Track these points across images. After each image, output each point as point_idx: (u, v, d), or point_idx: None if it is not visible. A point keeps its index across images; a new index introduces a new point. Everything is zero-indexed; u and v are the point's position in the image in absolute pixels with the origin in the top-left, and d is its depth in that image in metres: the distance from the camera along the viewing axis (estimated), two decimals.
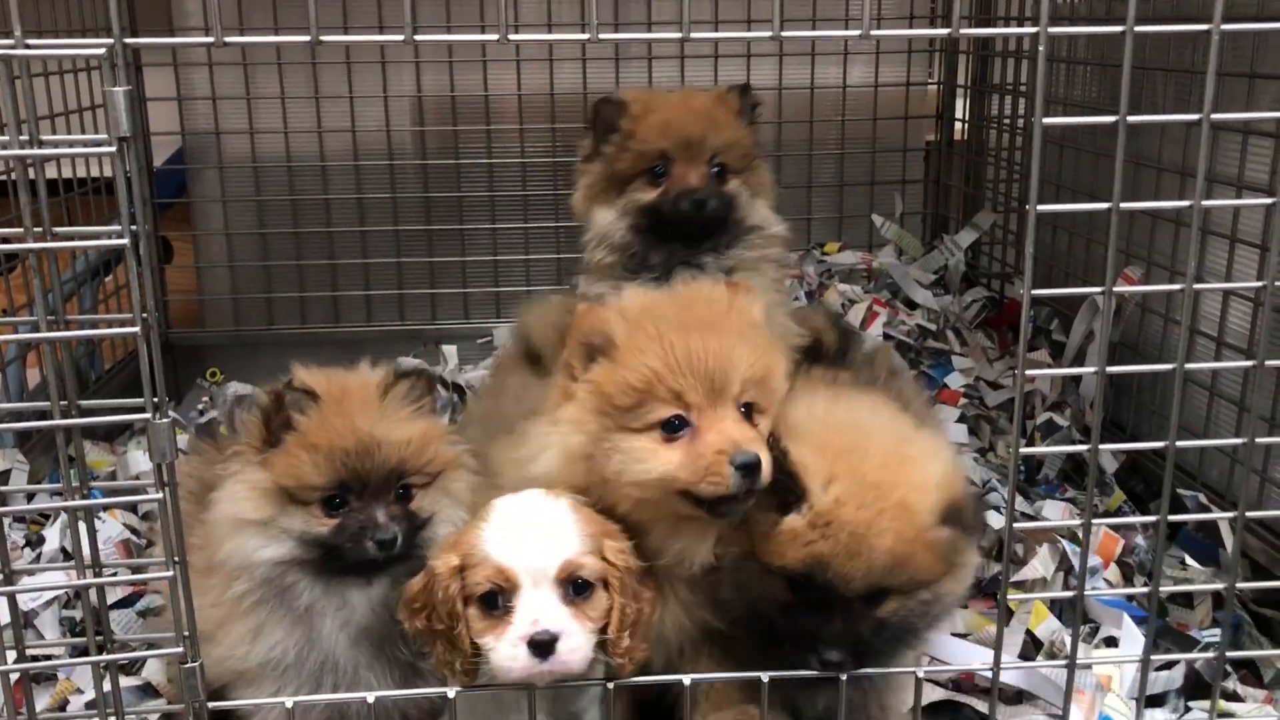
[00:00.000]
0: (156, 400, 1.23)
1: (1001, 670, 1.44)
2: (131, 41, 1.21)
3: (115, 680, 1.42)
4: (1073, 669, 1.44)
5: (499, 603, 1.28)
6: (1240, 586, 1.62)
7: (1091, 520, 1.42)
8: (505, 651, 1.26)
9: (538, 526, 1.31)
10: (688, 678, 1.41)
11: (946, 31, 1.24)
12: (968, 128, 3.24)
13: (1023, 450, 1.40)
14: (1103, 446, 1.40)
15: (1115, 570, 2.00)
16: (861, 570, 1.32)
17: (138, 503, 2.15)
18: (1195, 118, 1.27)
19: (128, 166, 1.17)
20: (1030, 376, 2.51)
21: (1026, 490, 2.31)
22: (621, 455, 1.36)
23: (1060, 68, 2.78)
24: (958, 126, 3.27)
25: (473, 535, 1.33)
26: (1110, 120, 1.26)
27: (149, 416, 1.23)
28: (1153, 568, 1.75)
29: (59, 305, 1.34)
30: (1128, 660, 1.66)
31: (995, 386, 2.67)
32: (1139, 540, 2.04)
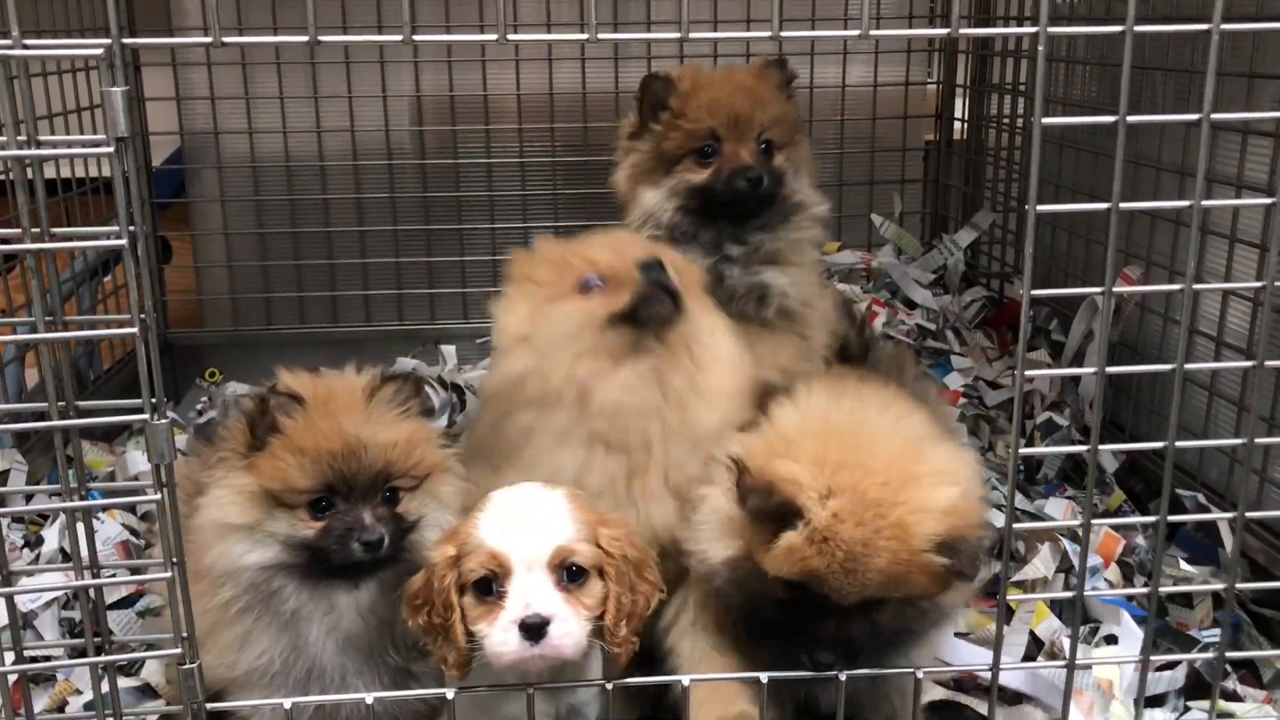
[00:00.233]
0: (155, 401, 1.23)
1: (1002, 670, 1.44)
2: (129, 42, 1.21)
3: (114, 681, 1.42)
4: (1072, 669, 1.44)
5: (493, 589, 1.29)
6: (1240, 587, 1.62)
7: (1091, 520, 1.42)
8: (497, 636, 1.27)
9: (531, 514, 1.33)
10: (687, 678, 1.41)
11: (946, 31, 1.24)
12: (967, 127, 3.23)
13: (1022, 450, 1.39)
14: (1102, 447, 1.40)
15: (1115, 570, 1.99)
16: (856, 586, 1.33)
17: (136, 503, 2.15)
18: (1195, 117, 1.27)
19: (125, 167, 1.17)
20: (1029, 376, 2.51)
21: (1027, 489, 2.31)
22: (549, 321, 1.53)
23: (1060, 67, 2.78)
24: (957, 126, 3.26)
25: (469, 525, 1.34)
26: (1110, 120, 1.25)
27: (147, 417, 1.23)
28: (1152, 568, 1.75)
29: (57, 306, 1.33)
30: (1127, 660, 1.66)
31: (994, 386, 2.67)
32: (1139, 540, 2.04)
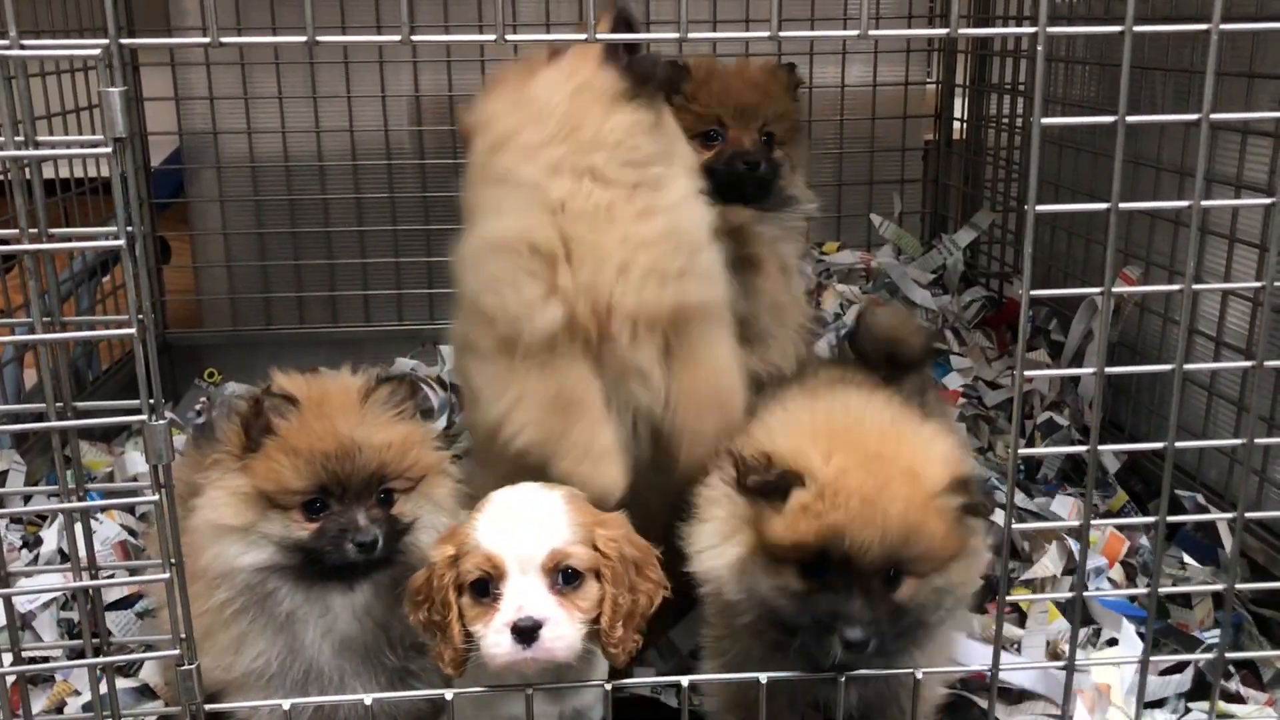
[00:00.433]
0: (153, 402, 1.23)
1: (1010, 670, 1.44)
2: (127, 42, 1.21)
3: (112, 682, 1.42)
4: (1071, 670, 1.44)
5: (489, 590, 1.30)
6: (1240, 587, 1.62)
7: (1090, 521, 1.42)
8: (491, 638, 1.28)
9: (528, 516, 1.33)
10: (686, 679, 1.41)
11: (945, 31, 1.24)
12: (966, 127, 3.23)
13: (1022, 450, 1.39)
14: (1102, 447, 1.40)
15: (1119, 570, 1.99)
16: (876, 537, 1.28)
17: (135, 504, 2.15)
18: (1194, 118, 1.26)
19: (123, 167, 1.17)
20: (1029, 376, 2.50)
21: (1029, 488, 2.31)
22: None
23: (1059, 67, 2.78)
24: (956, 126, 3.26)
25: (468, 526, 1.34)
26: (1109, 120, 1.25)
27: (145, 418, 1.23)
28: (1152, 568, 1.75)
29: (55, 306, 1.33)
30: (1128, 661, 1.66)
31: (994, 386, 2.67)
32: (1143, 540, 2.04)
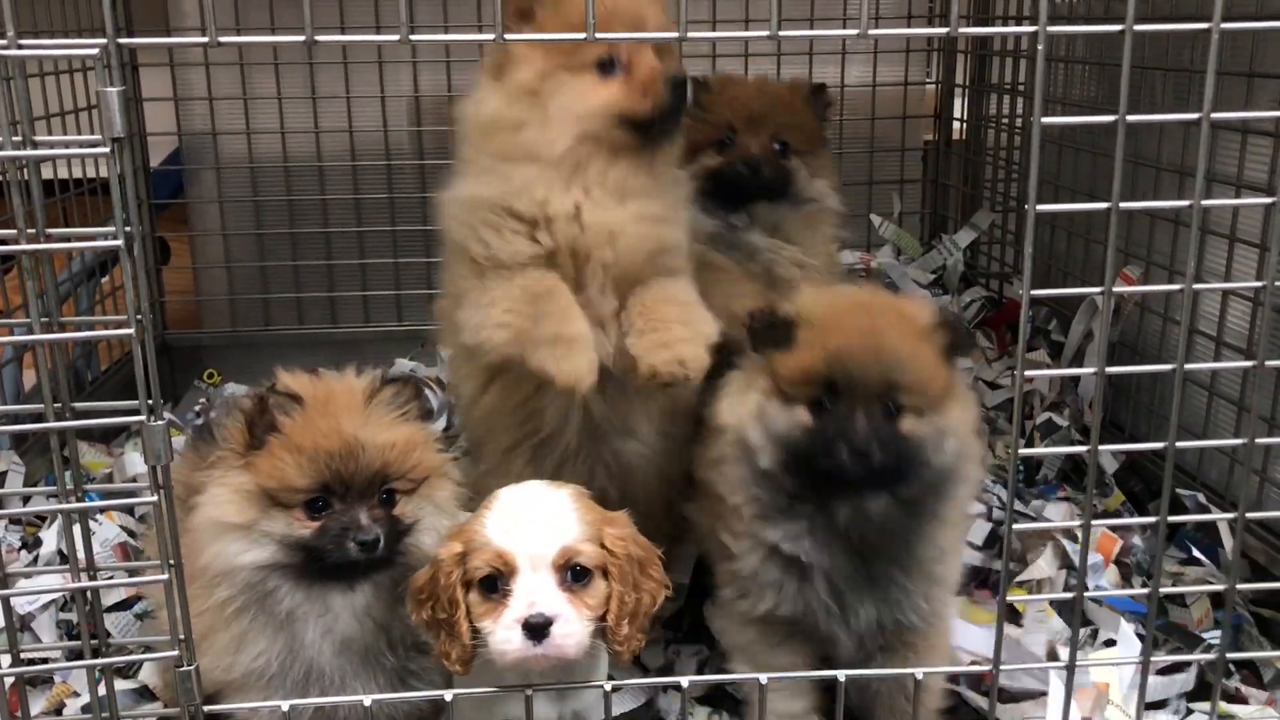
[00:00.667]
0: (151, 402, 1.23)
1: (1003, 671, 1.44)
2: (125, 42, 1.21)
3: (111, 684, 1.42)
4: (1072, 670, 1.43)
5: (498, 586, 1.30)
6: (1240, 587, 1.62)
7: (1091, 522, 1.42)
8: (501, 634, 1.28)
9: (538, 514, 1.34)
10: (685, 680, 1.41)
11: (945, 31, 1.24)
12: (966, 127, 3.23)
13: (1022, 451, 1.39)
14: (1102, 447, 1.39)
15: (1114, 570, 1.99)
16: (873, 360, 1.44)
17: (134, 505, 2.14)
18: (1194, 117, 1.26)
19: (122, 168, 1.16)
20: (1029, 377, 2.50)
21: (1022, 492, 2.31)
22: (566, 93, 1.58)
23: (1059, 67, 2.78)
24: (956, 126, 3.26)
25: (476, 523, 1.34)
26: (1109, 120, 1.25)
27: (144, 419, 1.23)
28: (1151, 568, 1.75)
29: (54, 307, 1.33)
30: (1128, 662, 1.66)
31: (994, 386, 2.67)
32: (1135, 540, 2.04)
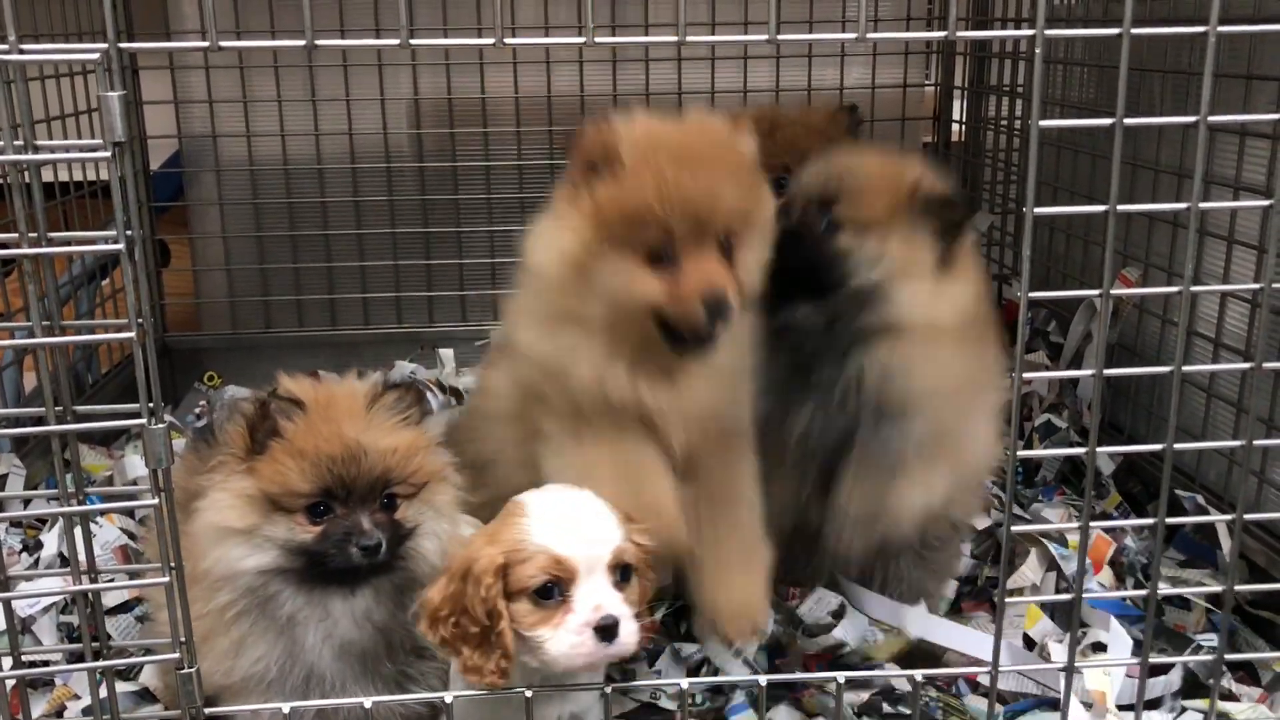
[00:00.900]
0: (152, 405, 1.23)
1: (1002, 671, 1.44)
2: (126, 46, 1.21)
3: (111, 686, 1.42)
4: (1070, 672, 1.44)
5: (554, 594, 1.30)
6: (1239, 589, 1.62)
7: (1089, 524, 1.42)
8: (568, 640, 1.28)
9: (585, 518, 1.34)
10: (685, 681, 1.42)
11: (943, 34, 1.24)
12: (965, 129, 3.23)
13: (1020, 452, 1.39)
14: (1101, 449, 1.40)
15: (1108, 572, 1.99)
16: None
17: (135, 508, 2.15)
18: (1192, 119, 1.26)
19: (122, 171, 1.17)
20: (1027, 378, 2.50)
21: (1017, 494, 2.31)
22: (611, 271, 1.49)
23: (1057, 69, 2.78)
24: (955, 128, 3.26)
25: (514, 531, 1.32)
26: (1107, 122, 1.25)
27: (145, 422, 1.23)
28: (1149, 569, 1.75)
29: (55, 310, 1.33)
30: (1126, 663, 1.66)
31: None
32: (1128, 541, 2.04)
